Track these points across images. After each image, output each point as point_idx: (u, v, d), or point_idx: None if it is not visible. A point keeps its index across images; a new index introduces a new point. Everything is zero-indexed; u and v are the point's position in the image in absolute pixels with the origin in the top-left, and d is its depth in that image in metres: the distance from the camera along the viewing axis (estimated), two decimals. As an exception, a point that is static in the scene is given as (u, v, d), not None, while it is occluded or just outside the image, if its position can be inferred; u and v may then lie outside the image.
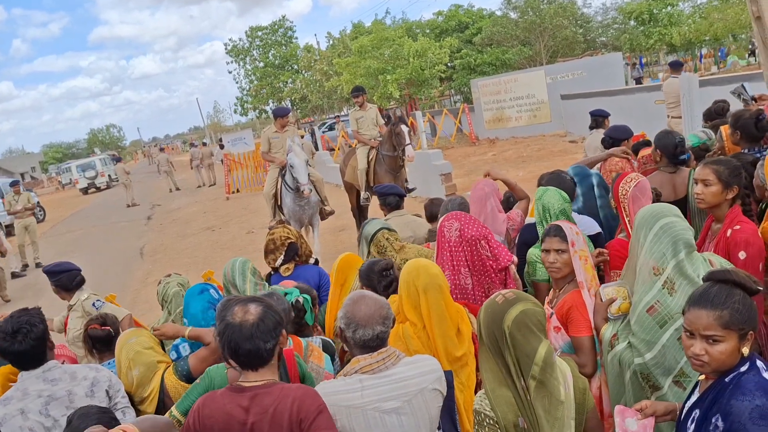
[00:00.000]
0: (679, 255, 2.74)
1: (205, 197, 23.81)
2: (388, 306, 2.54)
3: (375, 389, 2.40)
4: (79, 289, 4.86)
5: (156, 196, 27.99)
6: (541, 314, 2.28)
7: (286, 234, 4.54)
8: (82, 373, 3.03)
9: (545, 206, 3.76)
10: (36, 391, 2.90)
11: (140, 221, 20.26)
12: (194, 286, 3.74)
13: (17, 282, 13.71)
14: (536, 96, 22.14)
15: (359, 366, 2.45)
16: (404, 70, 26.34)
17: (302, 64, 42.69)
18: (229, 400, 2.26)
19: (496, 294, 2.37)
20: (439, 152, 14.15)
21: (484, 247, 3.71)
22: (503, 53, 32.47)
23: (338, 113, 38.72)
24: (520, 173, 14.06)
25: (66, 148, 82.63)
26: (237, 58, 49.06)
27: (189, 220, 18.73)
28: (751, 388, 1.98)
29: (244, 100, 49.59)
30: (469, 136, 24.40)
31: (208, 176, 28.27)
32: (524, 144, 20.18)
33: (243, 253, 12.25)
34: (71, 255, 14.35)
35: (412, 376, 2.45)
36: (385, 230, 4.29)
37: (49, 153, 74.34)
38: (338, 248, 10.68)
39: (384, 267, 3.60)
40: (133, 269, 13.24)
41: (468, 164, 18.33)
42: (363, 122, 10.30)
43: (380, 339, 2.46)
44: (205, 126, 74.61)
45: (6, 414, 2.83)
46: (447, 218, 3.82)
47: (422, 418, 2.42)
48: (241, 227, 15.51)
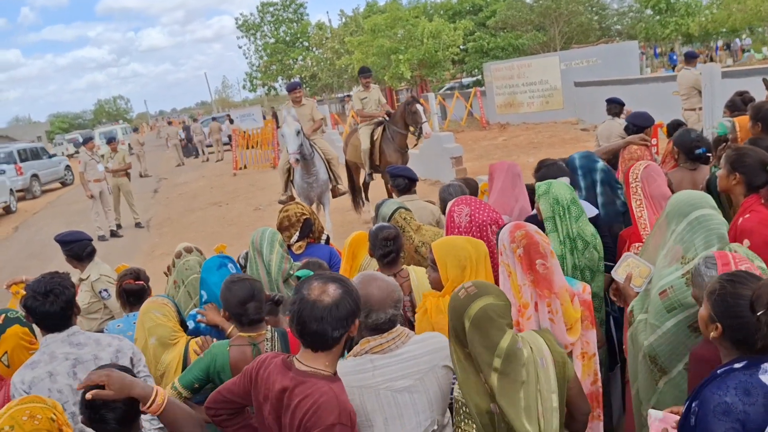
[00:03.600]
0: (712, 249, 2.70)
1: (212, 172, 23.79)
2: (398, 288, 2.56)
3: (386, 368, 2.41)
4: (91, 261, 4.86)
5: (163, 169, 27.98)
6: (503, 307, 2.28)
7: (301, 210, 4.51)
8: (106, 340, 3.06)
9: (556, 199, 3.65)
10: (63, 354, 2.91)
11: (147, 194, 20.26)
12: (212, 259, 3.72)
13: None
14: (549, 82, 21.98)
15: (369, 346, 2.46)
16: (417, 51, 26.14)
17: (313, 42, 42.46)
18: (279, 371, 2.25)
19: (460, 287, 2.37)
20: (450, 135, 14.07)
21: (494, 232, 3.67)
22: (517, 38, 32.20)
23: (348, 92, 38.54)
24: (530, 159, 13.95)
25: (72, 119, 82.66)
26: (247, 33, 48.81)
27: (196, 194, 18.72)
28: (730, 385, 2.01)
29: (253, 76, 49.38)
30: (480, 121, 24.26)
31: (216, 151, 28.20)
32: (535, 130, 20.06)
33: (250, 230, 12.09)
34: (79, 225, 14.36)
35: (423, 354, 2.46)
36: (402, 209, 4.26)
37: (55, 123, 74.31)
38: (345, 227, 10.66)
39: (387, 236, 3.54)
40: (139, 241, 13.25)
41: (478, 148, 18.24)
42: (367, 103, 10.34)
43: (392, 322, 2.48)
44: (212, 101, 74.52)
45: (35, 377, 2.84)
46: (457, 203, 3.80)
47: (434, 395, 2.43)
48: (248, 204, 15.49)
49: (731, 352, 2.12)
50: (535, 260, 2.86)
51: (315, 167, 8.74)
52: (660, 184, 3.67)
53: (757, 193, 3.37)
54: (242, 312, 2.99)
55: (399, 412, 2.38)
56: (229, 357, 2.90)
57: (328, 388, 2.16)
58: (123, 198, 14.29)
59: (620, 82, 17.87)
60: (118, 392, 2.10)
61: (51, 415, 1.97)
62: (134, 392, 2.15)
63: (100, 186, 13.38)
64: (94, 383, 2.11)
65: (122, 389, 2.11)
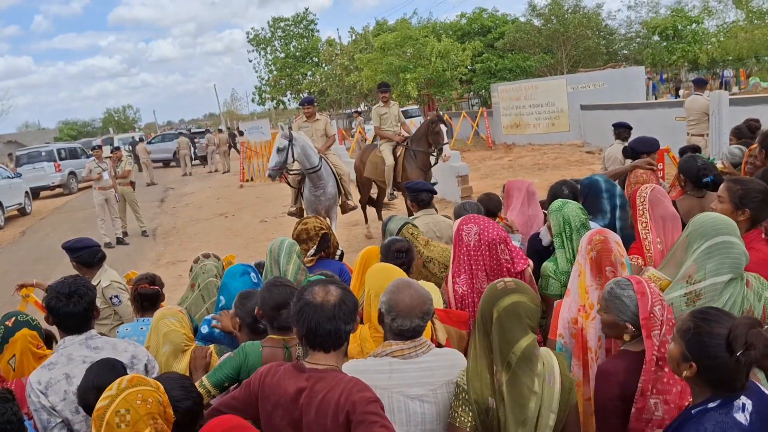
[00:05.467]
0: (721, 277, 2.75)
1: (219, 183, 23.90)
2: (430, 301, 2.57)
3: (403, 374, 2.46)
4: (101, 267, 4.87)
5: (169, 178, 28.10)
6: (533, 311, 2.38)
7: (320, 224, 4.54)
8: (122, 345, 3.10)
9: (566, 219, 3.74)
10: (80, 357, 2.94)
11: (154, 203, 20.34)
12: (236, 266, 3.78)
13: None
14: (556, 104, 22.09)
15: (390, 350, 2.50)
16: (425, 70, 26.30)
17: (323, 58, 42.69)
18: (290, 376, 2.29)
19: (500, 280, 2.48)
20: (457, 153, 14.13)
21: (503, 251, 3.70)
22: (524, 60, 32.40)
23: (356, 108, 38.69)
24: (536, 180, 14.03)
25: (81, 126, 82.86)
26: (258, 48, 49.13)
27: (202, 205, 18.79)
28: (707, 426, 1.98)
29: (262, 89, 49.61)
30: (486, 140, 24.36)
31: (222, 163, 28.36)
32: (541, 152, 20.14)
33: (255, 242, 12.32)
34: (85, 231, 14.44)
35: (441, 366, 2.50)
36: (410, 225, 4.32)
37: (64, 130, 74.48)
38: (351, 242, 10.72)
39: (399, 248, 3.63)
40: (145, 250, 13.30)
41: (484, 168, 18.32)
42: (386, 119, 10.26)
43: (416, 331, 2.51)
44: (220, 113, 74.73)
45: (51, 378, 2.87)
46: (465, 221, 3.80)
47: (444, 409, 2.47)
48: (254, 215, 15.55)
49: (703, 390, 2.09)
50: (605, 266, 2.99)
51: (323, 181, 8.78)
52: (666, 206, 3.72)
53: (758, 227, 3.38)
54: (275, 316, 3.02)
55: (407, 419, 2.42)
56: (262, 357, 2.91)
57: (351, 377, 2.24)
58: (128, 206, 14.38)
59: (626, 106, 17.97)
60: None
61: (158, 397, 2.02)
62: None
63: (105, 194, 13.47)
64: None
65: None
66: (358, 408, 2.12)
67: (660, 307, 2.51)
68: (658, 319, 2.48)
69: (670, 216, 3.69)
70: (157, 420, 1.98)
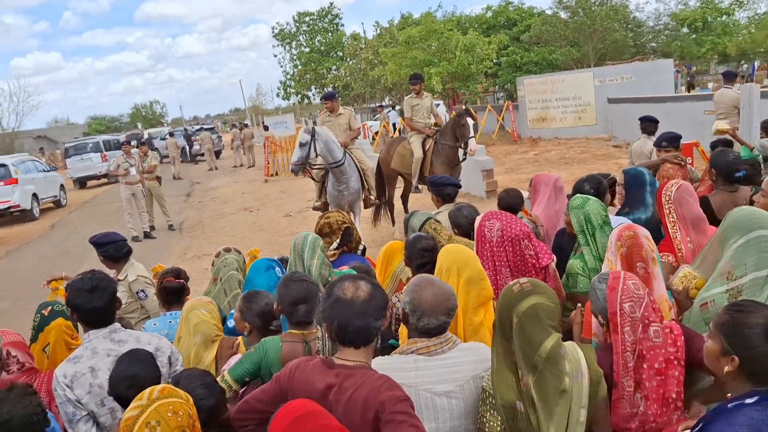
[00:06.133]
0: (762, 271, 2.69)
1: (244, 178, 24.04)
2: (454, 296, 2.55)
3: (429, 371, 2.43)
4: (128, 261, 4.91)
5: (195, 173, 28.36)
6: (553, 310, 2.33)
7: (342, 218, 4.54)
8: (145, 338, 3.11)
9: (587, 216, 3.68)
10: (104, 350, 2.97)
11: (180, 197, 20.54)
12: (261, 261, 3.80)
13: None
14: (583, 98, 21.84)
15: (416, 347, 2.48)
16: (450, 64, 26.16)
17: (347, 52, 42.69)
18: (319, 371, 2.28)
19: (515, 281, 2.43)
20: (482, 147, 14.05)
21: (528, 246, 3.67)
22: (550, 53, 32.06)
23: (380, 103, 38.65)
24: (562, 174, 13.89)
25: (109, 121, 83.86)
26: (283, 42, 49.32)
27: (227, 199, 18.93)
28: (741, 422, 1.94)
29: (287, 84, 49.80)
30: (512, 134, 24.19)
31: (247, 158, 28.54)
32: (567, 146, 19.94)
33: (279, 236, 12.38)
34: (113, 225, 14.62)
35: (467, 362, 2.48)
36: (432, 220, 4.28)
37: (92, 125, 75.46)
38: (374, 237, 10.70)
39: (425, 247, 3.58)
40: (171, 244, 13.44)
41: (509, 162, 18.19)
42: (418, 110, 10.17)
43: (442, 328, 2.49)
44: (245, 108, 75.19)
45: (77, 372, 2.89)
46: (487, 217, 3.77)
47: (473, 404, 2.45)
48: (278, 210, 15.61)
49: (743, 385, 2.06)
50: (636, 262, 2.94)
51: (346, 175, 8.77)
52: (692, 205, 3.65)
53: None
54: (293, 311, 3.02)
55: (435, 415, 2.40)
56: (281, 352, 2.92)
57: (381, 374, 2.22)
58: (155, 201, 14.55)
59: (654, 99, 17.70)
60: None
61: (188, 410, 2.02)
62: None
63: (132, 188, 13.66)
64: None
65: None
66: (387, 407, 2.10)
67: (633, 305, 2.52)
68: (628, 315, 2.51)
69: (695, 216, 3.61)
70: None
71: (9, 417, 2.31)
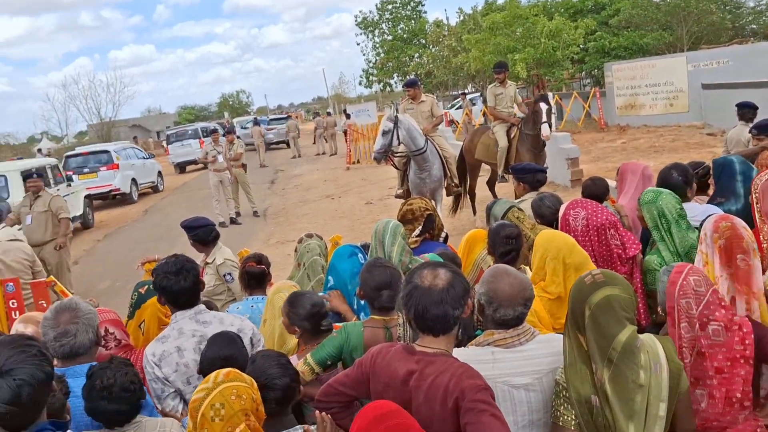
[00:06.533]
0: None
1: (326, 166, 24.41)
2: (530, 286, 2.50)
3: (507, 363, 2.39)
4: (216, 245, 5.06)
5: (279, 161, 29.01)
6: (628, 302, 2.25)
7: (425, 205, 4.54)
8: (229, 320, 3.22)
9: (660, 211, 3.52)
10: (190, 331, 3.09)
11: (264, 185, 21.06)
12: (344, 247, 3.86)
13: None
14: (675, 84, 20.94)
15: (493, 339, 2.45)
16: (535, 50, 25.62)
17: (430, 39, 42.48)
18: (400, 357, 2.29)
19: (587, 273, 2.36)
20: (567, 135, 13.74)
21: (613, 236, 3.58)
22: (641, 37, 30.79)
23: (464, 90, 38.31)
24: (651, 163, 13.39)
25: (198, 111, 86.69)
26: (366, 31, 49.53)
27: (310, 186, 19.27)
28: None
29: (369, 72, 50.04)
30: (598, 122, 23.50)
31: (330, 145, 28.93)
32: (657, 133, 19.19)
33: (361, 223, 12.51)
34: (201, 211, 15.16)
35: (546, 354, 2.43)
36: (515, 209, 4.23)
37: (182, 114, 78.28)
38: (455, 225, 10.66)
39: (509, 234, 3.52)
40: (256, 230, 13.81)
41: (595, 150, 17.69)
42: (501, 99, 10.07)
43: (519, 319, 2.44)
44: (328, 96, 76.13)
45: (165, 350, 3.04)
46: (572, 206, 3.71)
47: (551, 396, 2.39)
48: (359, 197, 15.77)
49: None
50: (737, 254, 2.83)
51: (428, 163, 8.74)
52: None
53: None
54: (376, 297, 3.04)
55: (513, 408, 2.37)
56: (363, 337, 2.95)
57: (462, 363, 2.21)
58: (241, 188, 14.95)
59: (754, 85, 16.74)
60: None
61: (252, 394, 2.07)
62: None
63: (220, 175, 14.11)
64: None
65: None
66: (467, 395, 2.09)
67: (690, 301, 2.47)
68: (685, 312, 2.47)
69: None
70: (250, 417, 2.02)
71: (112, 382, 2.46)
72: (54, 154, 29.82)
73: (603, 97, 24.12)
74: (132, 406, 2.53)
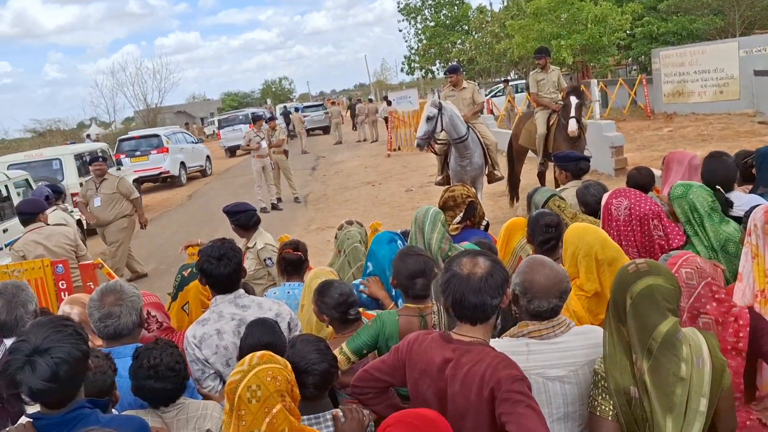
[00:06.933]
0: None
1: (367, 153, 24.45)
2: (567, 278, 2.46)
3: (541, 355, 2.38)
4: (257, 230, 5.12)
5: (320, 147, 29.17)
6: (671, 292, 2.20)
7: (466, 192, 4.53)
8: (267, 304, 3.27)
9: (692, 205, 3.45)
10: (229, 314, 3.15)
11: (306, 171, 21.22)
12: (383, 234, 3.88)
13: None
14: (725, 70, 20.33)
15: (527, 330, 2.43)
16: (580, 36, 25.16)
17: (473, 26, 42.13)
18: (437, 345, 2.30)
19: (631, 262, 2.32)
20: (611, 123, 13.48)
21: (657, 226, 3.51)
22: (691, 22, 29.95)
23: (506, 77, 37.91)
24: (699, 152, 13.07)
25: (242, 97, 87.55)
26: (408, 17, 49.30)
27: (350, 173, 19.33)
28: None
29: (411, 59, 49.86)
30: (644, 110, 22.99)
31: (371, 132, 28.96)
32: (706, 122, 18.70)
33: (401, 210, 12.50)
34: (243, 196, 15.35)
35: (581, 346, 2.40)
36: (556, 198, 4.19)
37: (226, 101, 79.17)
38: (496, 213, 10.59)
39: (549, 223, 3.49)
40: (296, 215, 13.92)
41: (641, 138, 17.32)
42: (544, 85, 9.94)
43: (554, 311, 2.42)
44: (370, 83, 76.07)
45: (205, 333, 3.11)
46: (614, 195, 3.65)
47: (587, 389, 2.37)
48: (400, 184, 15.75)
49: None
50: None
51: (469, 151, 8.66)
52: None
53: None
54: (410, 285, 3.04)
55: (547, 400, 2.35)
56: (398, 325, 2.96)
57: (498, 352, 2.21)
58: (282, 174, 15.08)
59: (810, 71, 16.20)
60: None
61: (287, 375, 2.11)
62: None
63: (262, 162, 14.26)
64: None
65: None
66: (503, 385, 2.08)
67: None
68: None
69: None
70: (286, 398, 2.05)
71: (158, 362, 2.55)
72: (102, 139, 30.52)
73: (650, 84, 23.58)
74: (177, 386, 2.62)
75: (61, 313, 3.29)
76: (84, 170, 13.69)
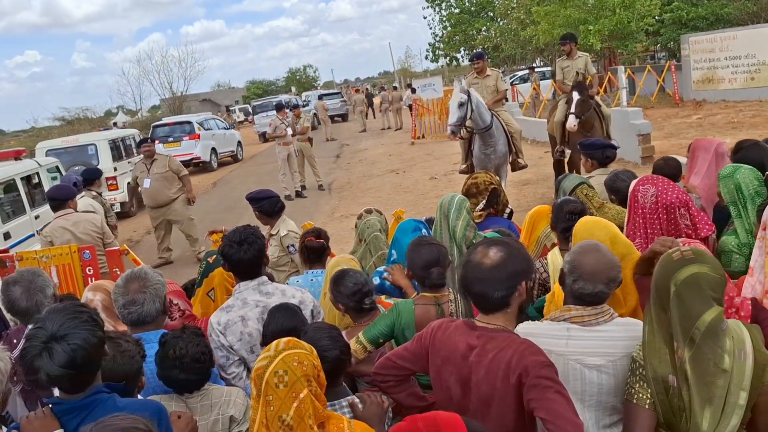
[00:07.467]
0: None
1: (391, 140, 24.40)
2: (619, 268, 2.43)
3: (581, 341, 2.35)
4: (280, 217, 5.13)
5: (345, 135, 29.18)
6: (717, 281, 2.14)
7: (489, 179, 4.51)
8: (290, 291, 3.28)
9: (739, 186, 3.39)
10: (253, 301, 3.17)
11: (330, 158, 21.25)
12: (408, 222, 3.90)
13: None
14: (757, 56, 19.89)
15: (570, 315, 2.41)
16: (608, 21, 24.78)
17: (498, 12, 41.61)
18: (461, 332, 2.30)
19: (676, 248, 2.26)
20: (638, 110, 13.28)
21: (684, 215, 3.46)
22: (722, 7, 29.32)
23: (531, 64, 37.50)
24: (728, 140, 12.84)
25: (266, 85, 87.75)
26: (433, 4, 48.91)
27: (374, 161, 19.32)
28: None
29: (436, 46, 49.52)
30: (673, 97, 22.62)
31: (395, 120, 28.89)
32: (736, 109, 18.35)
33: (424, 198, 12.48)
34: (268, 184, 15.42)
35: (623, 338, 2.36)
36: (585, 185, 4.15)
37: (251, 88, 79.40)
38: (520, 202, 10.53)
39: (572, 210, 3.46)
40: (320, 203, 13.97)
41: (669, 126, 17.06)
42: (568, 72, 9.77)
43: (599, 297, 2.38)
44: (394, 71, 75.79)
45: (229, 320, 3.13)
46: (642, 182, 3.59)
47: (623, 381, 2.34)
48: (424, 172, 15.71)
49: None
50: None
51: (493, 139, 8.60)
52: None
53: None
54: (425, 275, 3.05)
55: (582, 387, 2.33)
56: (415, 315, 2.97)
57: (524, 339, 2.20)
58: (306, 161, 15.12)
59: None
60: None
61: (312, 360, 2.12)
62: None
63: (287, 149, 14.32)
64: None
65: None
66: (531, 371, 2.08)
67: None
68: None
69: None
70: (312, 383, 2.06)
71: (184, 352, 2.59)
72: (128, 127, 30.92)
73: (678, 70, 23.18)
74: (202, 376, 2.67)
75: (84, 299, 3.34)
76: (116, 155, 14.69)
